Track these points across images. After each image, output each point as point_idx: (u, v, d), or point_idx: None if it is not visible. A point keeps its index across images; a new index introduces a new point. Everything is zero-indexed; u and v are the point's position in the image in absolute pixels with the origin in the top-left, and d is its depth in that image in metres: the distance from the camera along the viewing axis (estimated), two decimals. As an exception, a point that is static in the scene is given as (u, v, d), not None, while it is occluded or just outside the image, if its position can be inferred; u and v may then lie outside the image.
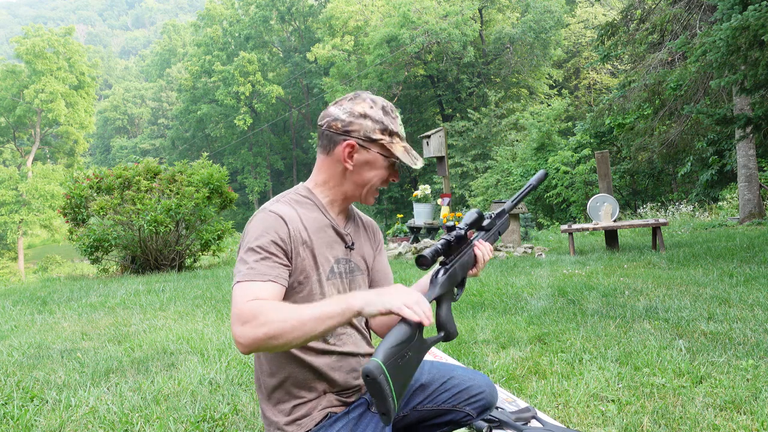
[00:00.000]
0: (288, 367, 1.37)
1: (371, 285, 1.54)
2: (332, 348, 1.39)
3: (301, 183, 1.47)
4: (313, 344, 1.36)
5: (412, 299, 1.15)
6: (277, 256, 1.27)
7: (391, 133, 1.39)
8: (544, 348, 2.96)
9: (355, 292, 1.20)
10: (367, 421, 1.37)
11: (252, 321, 1.13)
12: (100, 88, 63.54)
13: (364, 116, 1.37)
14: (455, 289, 1.36)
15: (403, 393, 1.15)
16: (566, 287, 4.62)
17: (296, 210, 1.36)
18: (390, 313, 1.15)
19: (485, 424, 1.91)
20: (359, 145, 1.37)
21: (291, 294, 1.33)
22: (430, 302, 1.24)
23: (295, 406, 1.37)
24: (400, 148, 1.39)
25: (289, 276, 1.31)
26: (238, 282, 1.22)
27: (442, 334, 1.29)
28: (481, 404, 1.55)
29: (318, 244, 1.37)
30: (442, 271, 1.32)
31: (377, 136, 1.37)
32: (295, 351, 1.35)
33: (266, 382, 1.40)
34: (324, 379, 1.38)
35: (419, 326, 1.18)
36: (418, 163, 1.42)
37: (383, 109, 1.40)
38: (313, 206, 1.40)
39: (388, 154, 1.39)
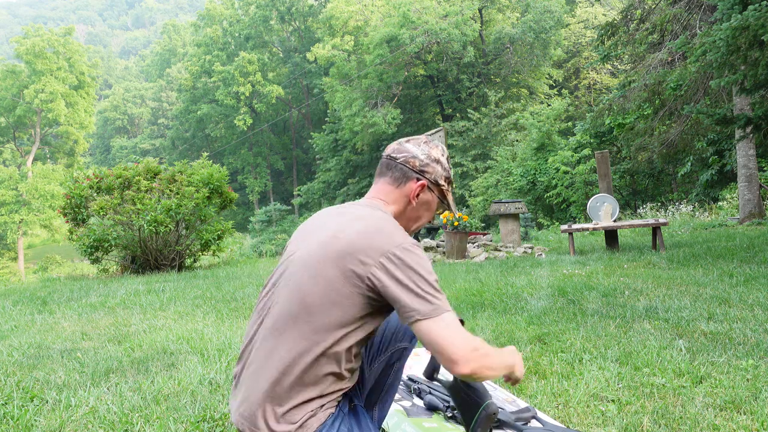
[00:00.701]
0: (328, 380, 1.36)
1: None
2: (358, 365, 1.48)
3: (382, 205, 1.52)
4: (357, 359, 1.43)
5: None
6: None
7: (450, 182, 1.58)
8: (544, 348, 2.96)
9: (508, 352, 1.44)
10: (353, 414, 1.45)
11: (480, 350, 1.28)
12: (100, 88, 63.57)
13: (437, 161, 1.55)
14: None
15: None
16: (566, 287, 4.62)
17: None
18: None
19: None
20: (428, 186, 1.54)
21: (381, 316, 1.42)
22: None
23: (305, 414, 1.37)
24: (451, 197, 1.60)
25: None
26: (447, 311, 1.30)
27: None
28: (410, 333, 1.65)
29: None
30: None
31: (442, 182, 1.56)
32: (348, 367, 1.39)
33: (300, 380, 1.35)
34: (336, 386, 1.40)
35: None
36: (453, 204, 1.61)
37: (447, 159, 1.58)
38: None
39: (443, 199, 1.58)
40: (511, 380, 1.44)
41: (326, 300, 1.33)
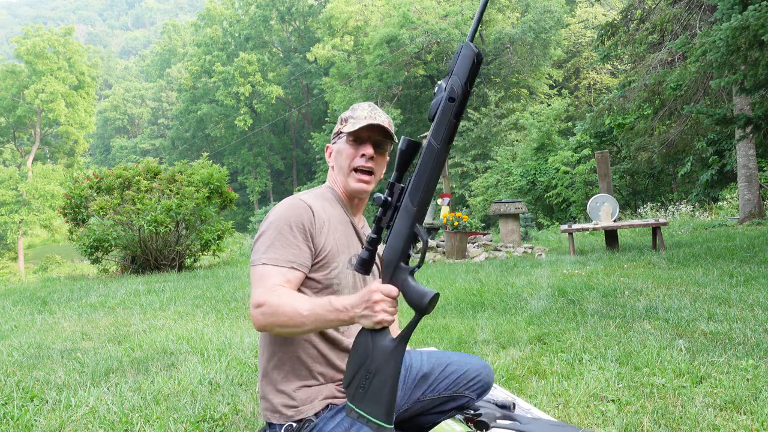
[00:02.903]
0: (296, 342, 1.41)
1: None
2: (342, 338, 1.44)
3: (325, 184, 1.60)
4: (325, 332, 1.42)
5: (369, 308, 1.18)
6: (302, 242, 1.36)
7: (345, 120, 1.52)
8: (544, 348, 2.97)
9: (344, 306, 1.22)
10: None
11: (263, 307, 1.25)
12: (100, 88, 63.51)
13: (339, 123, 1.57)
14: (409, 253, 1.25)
15: (392, 400, 1.17)
16: (566, 287, 4.62)
17: (322, 204, 1.47)
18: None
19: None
20: (332, 144, 1.57)
21: (315, 271, 1.40)
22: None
23: (297, 389, 1.38)
24: (348, 126, 1.50)
25: (313, 258, 1.39)
26: (264, 264, 1.32)
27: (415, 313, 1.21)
28: (479, 386, 1.61)
29: (339, 234, 1.46)
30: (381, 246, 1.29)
31: (336, 128, 1.55)
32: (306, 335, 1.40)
33: (273, 355, 1.42)
34: (330, 366, 1.40)
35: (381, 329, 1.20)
36: (360, 123, 1.45)
37: (351, 108, 1.54)
38: (337, 202, 1.52)
39: (342, 134, 1.52)
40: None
41: None
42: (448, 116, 1.15)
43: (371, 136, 1.48)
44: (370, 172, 1.49)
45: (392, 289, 1.18)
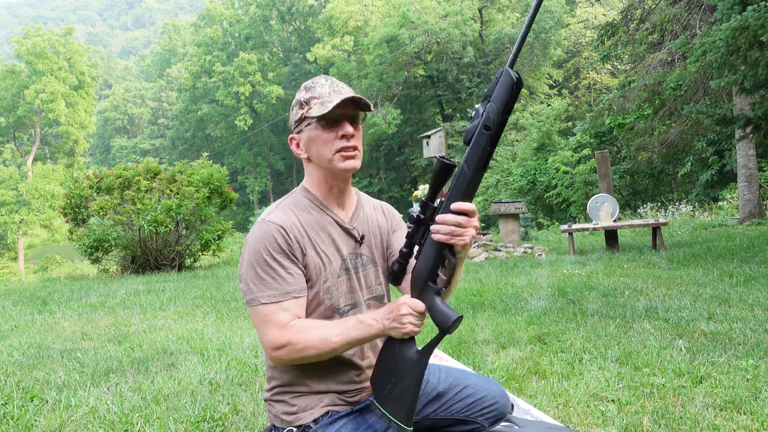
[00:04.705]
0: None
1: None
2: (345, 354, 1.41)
3: (300, 185, 1.49)
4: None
5: (396, 320, 1.25)
6: (291, 266, 1.32)
7: (305, 103, 1.38)
8: (544, 348, 2.97)
9: (374, 319, 1.29)
10: (368, 424, 1.37)
11: (287, 347, 1.27)
12: (100, 88, 63.49)
13: (293, 106, 1.43)
14: (437, 274, 1.27)
15: (413, 405, 1.28)
16: (566, 287, 4.62)
17: (294, 214, 1.38)
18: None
19: None
20: (296, 133, 1.42)
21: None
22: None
23: (297, 397, 1.38)
24: (315, 109, 1.35)
25: (305, 277, 1.36)
26: (264, 304, 1.29)
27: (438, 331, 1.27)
28: (494, 414, 1.54)
29: (323, 242, 1.39)
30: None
31: (298, 115, 1.39)
32: None
33: (273, 371, 1.42)
34: (332, 380, 1.40)
35: (406, 339, 1.29)
36: (330, 103, 1.32)
37: (305, 87, 1.40)
38: (313, 206, 1.42)
39: (309, 120, 1.37)
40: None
41: None
42: (483, 144, 1.16)
43: (344, 112, 1.34)
44: (355, 148, 1.36)
45: (419, 304, 1.25)
